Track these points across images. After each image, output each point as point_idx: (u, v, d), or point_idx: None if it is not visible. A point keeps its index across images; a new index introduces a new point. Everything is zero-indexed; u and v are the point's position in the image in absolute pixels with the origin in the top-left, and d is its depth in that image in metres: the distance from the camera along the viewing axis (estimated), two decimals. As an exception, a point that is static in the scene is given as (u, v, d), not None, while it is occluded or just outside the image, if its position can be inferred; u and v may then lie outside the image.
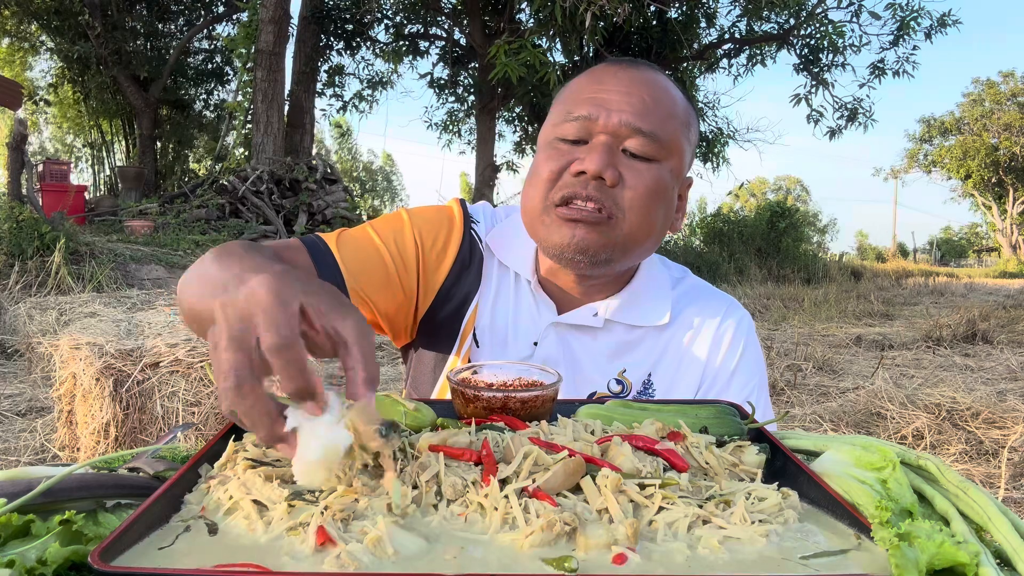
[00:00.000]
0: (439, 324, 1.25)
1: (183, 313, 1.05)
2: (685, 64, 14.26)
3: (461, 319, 1.24)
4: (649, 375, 1.22)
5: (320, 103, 16.49)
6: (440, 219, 1.26)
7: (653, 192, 1.09)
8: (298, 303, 0.65)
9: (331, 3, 15.18)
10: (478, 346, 1.23)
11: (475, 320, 1.23)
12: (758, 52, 15.06)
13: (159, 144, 17.60)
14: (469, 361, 1.22)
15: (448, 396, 1.22)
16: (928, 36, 13.50)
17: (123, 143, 18.62)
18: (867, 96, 14.31)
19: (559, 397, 0.94)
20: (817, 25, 13.60)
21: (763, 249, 18.26)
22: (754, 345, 1.27)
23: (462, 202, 1.30)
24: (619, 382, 1.21)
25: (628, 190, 1.08)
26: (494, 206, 1.35)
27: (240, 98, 13.65)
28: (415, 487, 0.66)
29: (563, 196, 1.08)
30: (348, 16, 14.97)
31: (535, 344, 1.21)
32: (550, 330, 1.21)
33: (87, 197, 13.80)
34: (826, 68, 14.09)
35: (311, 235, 1.21)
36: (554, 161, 1.11)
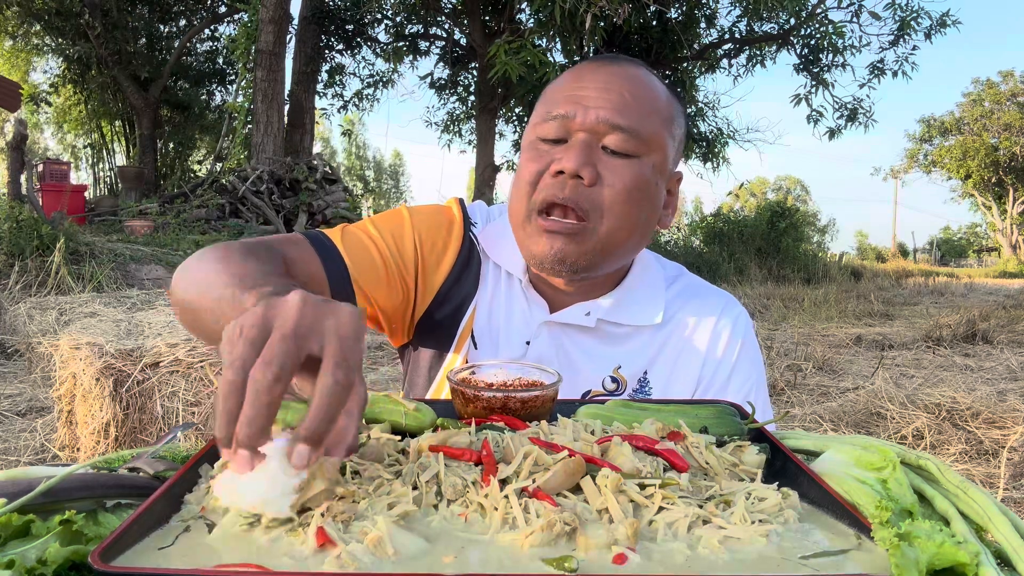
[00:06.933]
0: (436, 326, 1.24)
1: (177, 305, 1.03)
2: (685, 64, 14.26)
3: (459, 321, 1.23)
4: (645, 373, 1.22)
5: (320, 103, 16.46)
6: (440, 220, 1.26)
7: (633, 189, 1.08)
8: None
9: (331, 3, 15.18)
10: (476, 348, 1.22)
11: (473, 322, 1.23)
12: (758, 52, 15.05)
13: (159, 144, 17.61)
14: (467, 363, 1.22)
15: (445, 396, 1.23)
16: (928, 36, 13.51)
17: (123, 143, 18.63)
18: (867, 96, 14.34)
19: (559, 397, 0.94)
20: (817, 25, 13.60)
21: (763, 249, 18.24)
22: (752, 342, 1.26)
23: (461, 202, 1.30)
24: (614, 379, 1.20)
25: (607, 188, 1.07)
26: (489, 205, 1.35)
27: (240, 98, 13.66)
28: (415, 487, 0.66)
29: (543, 200, 1.08)
30: (348, 16, 14.97)
31: (527, 343, 1.20)
32: (542, 329, 1.20)
33: (87, 197, 13.80)
34: (826, 68, 14.10)
35: (314, 230, 1.21)
36: (534, 162, 1.10)
